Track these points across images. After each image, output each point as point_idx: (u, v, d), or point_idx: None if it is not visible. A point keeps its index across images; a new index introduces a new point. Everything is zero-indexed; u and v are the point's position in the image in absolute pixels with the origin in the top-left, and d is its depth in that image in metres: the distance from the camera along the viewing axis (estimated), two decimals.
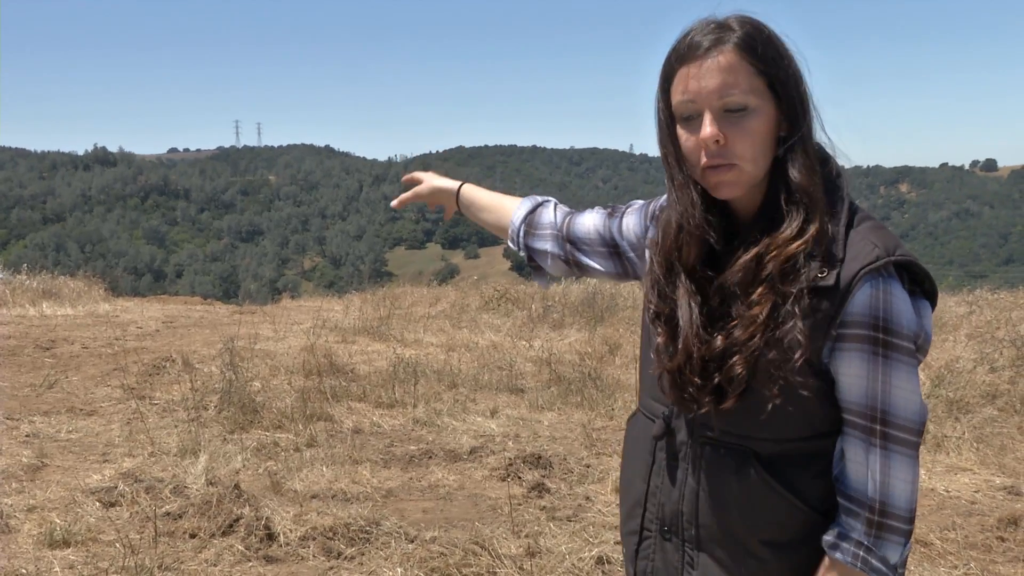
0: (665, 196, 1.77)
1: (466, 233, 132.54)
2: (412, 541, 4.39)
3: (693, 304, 1.54)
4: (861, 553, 1.48)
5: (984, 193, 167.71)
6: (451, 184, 2.15)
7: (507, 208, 2.07)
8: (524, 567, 4.07)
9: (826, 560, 1.52)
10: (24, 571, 3.96)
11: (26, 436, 6.07)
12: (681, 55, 1.51)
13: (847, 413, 1.50)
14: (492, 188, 2.16)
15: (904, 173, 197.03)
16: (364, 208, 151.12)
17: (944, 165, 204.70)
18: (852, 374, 1.46)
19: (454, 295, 13.80)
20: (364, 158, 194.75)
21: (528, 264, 2.04)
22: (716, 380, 1.50)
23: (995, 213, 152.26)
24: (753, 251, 1.49)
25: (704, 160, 1.49)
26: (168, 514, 4.60)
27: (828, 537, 1.51)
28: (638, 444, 1.72)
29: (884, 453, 1.46)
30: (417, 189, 2.19)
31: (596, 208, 1.96)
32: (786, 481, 1.52)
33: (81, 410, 6.81)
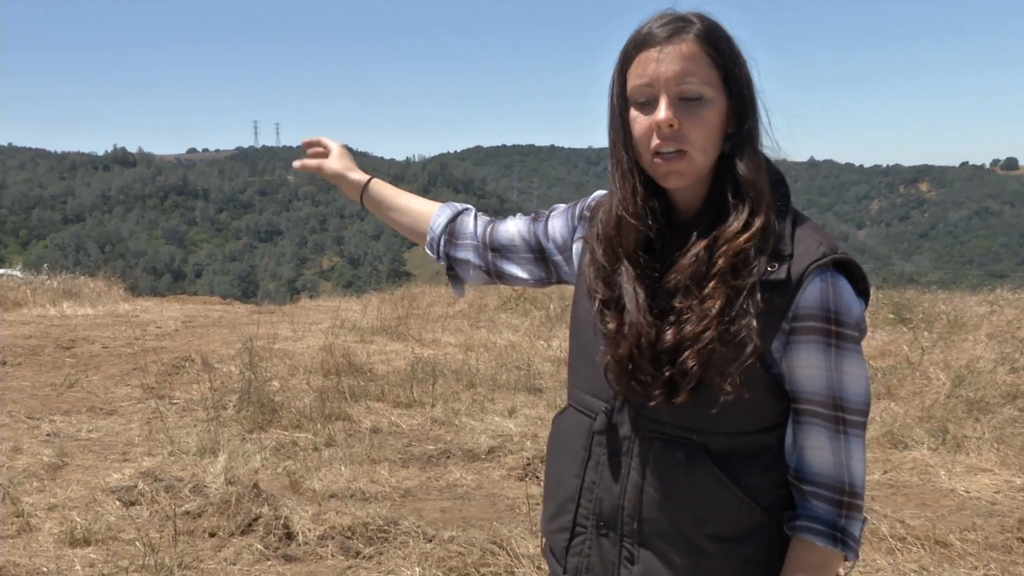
0: (593, 196, 1.81)
1: None
2: (430, 540, 4.40)
3: (639, 289, 1.54)
4: (838, 534, 1.50)
5: (1005, 192, 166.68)
6: (359, 176, 2.08)
7: (423, 212, 2.05)
8: (542, 567, 4.07)
9: (800, 547, 1.53)
10: (45, 569, 3.99)
11: (47, 435, 6.12)
12: (640, 42, 1.52)
13: (806, 403, 1.51)
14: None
15: (924, 172, 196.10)
16: None
17: (964, 164, 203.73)
18: (811, 365, 1.49)
19: (472, 295, 13.79)
20: (382, 158, 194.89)
21: (447, 273, 2.03)
22: (668, 374, 1.50)
23: (1016, 212, 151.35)
24: (703, 243, 1.50)
25: (656, 142, 1.50)
26: (187, 513, 4.63)
27: (801, 523, 1.52)
28: (569, 439, 1.70)
29: (846, 438, 1.50)
30: (323, 163, 2.09)
31: (518, 215, 1.96)
32: (733, 476, 1.53)
33: (101, 409, 6.86)
